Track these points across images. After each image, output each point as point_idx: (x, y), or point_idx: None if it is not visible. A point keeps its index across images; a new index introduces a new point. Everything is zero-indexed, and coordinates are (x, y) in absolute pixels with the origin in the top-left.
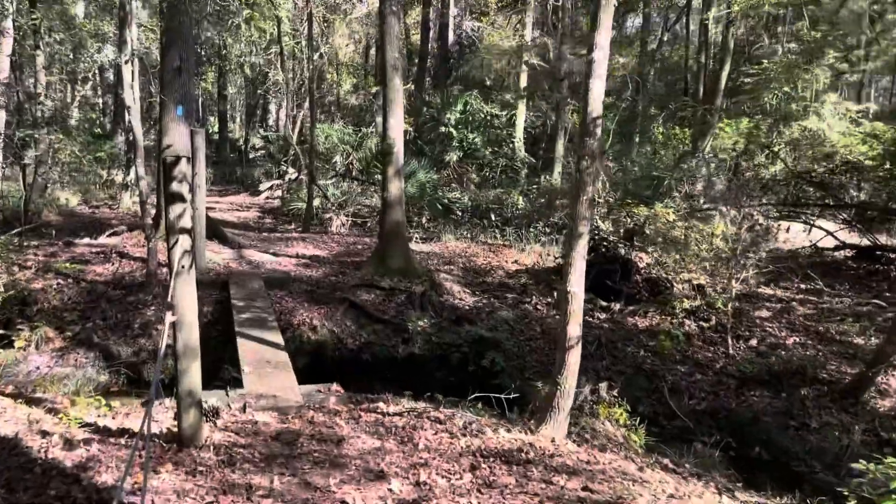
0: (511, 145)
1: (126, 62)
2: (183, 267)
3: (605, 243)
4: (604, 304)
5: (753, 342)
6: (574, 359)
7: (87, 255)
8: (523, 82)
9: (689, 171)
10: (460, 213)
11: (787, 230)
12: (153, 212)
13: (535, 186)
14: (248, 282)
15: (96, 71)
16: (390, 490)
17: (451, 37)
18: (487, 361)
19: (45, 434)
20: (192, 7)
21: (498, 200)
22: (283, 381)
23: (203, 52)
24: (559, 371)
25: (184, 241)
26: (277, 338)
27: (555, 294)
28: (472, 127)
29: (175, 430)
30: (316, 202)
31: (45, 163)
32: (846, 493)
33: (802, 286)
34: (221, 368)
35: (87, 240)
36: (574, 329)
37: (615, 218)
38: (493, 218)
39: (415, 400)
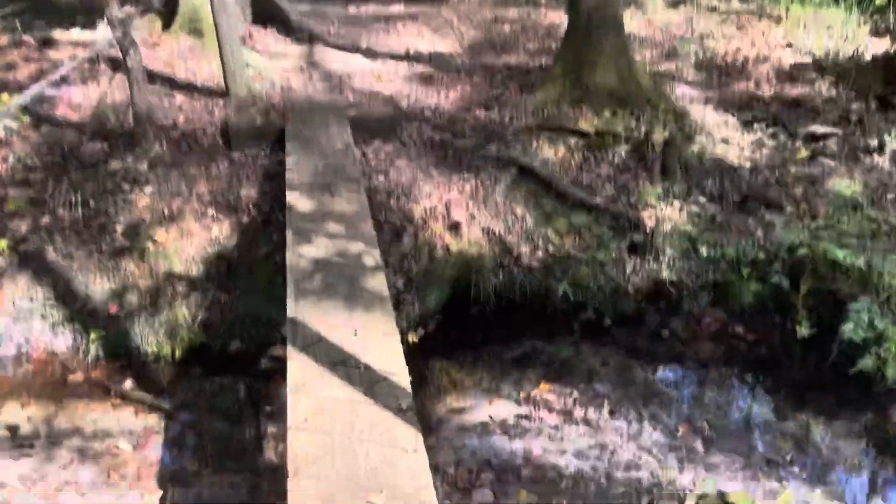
0: None
1: None
2: None
3: None
4: None
5: None
6: None
7: (67, 64)
8: None
9: None
10: None
11: None
12: None
13: None
14: (322, 129)
15: None
16: None
17: None
18: (856, 330)
19: None
20: None
21: None
22: None
23: None
24: None
25: None
26: (394, 360)
27: None
28: None
29: None
30: None
31: None
32: None
33: None
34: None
35: (76, 31)
36: None
37: None
38: None
39: None
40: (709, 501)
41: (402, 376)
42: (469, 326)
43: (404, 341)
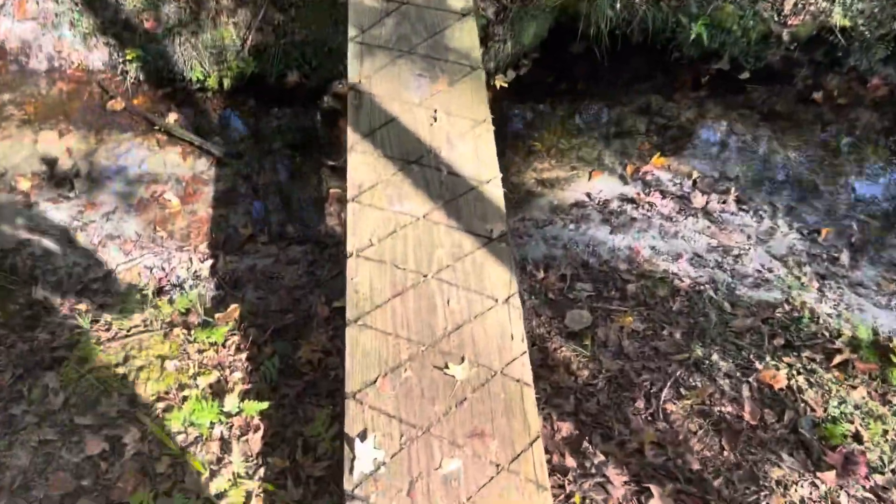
0: None
1: None
2: None
3: None
4: None
5: None
6: None
7: None
8: None
9: None
10: None
11: None
12: None
13: None
14: None
15: None
16: None
17: None
18: None
19: None
20: None
21: None
22: None
23: None
24: None
25: None
26: (486, 161)
27: None
28: None
29: None
30: None
31: None
32: None
33: None
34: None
35: None
36: None
37: None
38: None
39: None
40: (863, 354)
41: (494, 187)
42: (571, 71)
43: (492, 85)
